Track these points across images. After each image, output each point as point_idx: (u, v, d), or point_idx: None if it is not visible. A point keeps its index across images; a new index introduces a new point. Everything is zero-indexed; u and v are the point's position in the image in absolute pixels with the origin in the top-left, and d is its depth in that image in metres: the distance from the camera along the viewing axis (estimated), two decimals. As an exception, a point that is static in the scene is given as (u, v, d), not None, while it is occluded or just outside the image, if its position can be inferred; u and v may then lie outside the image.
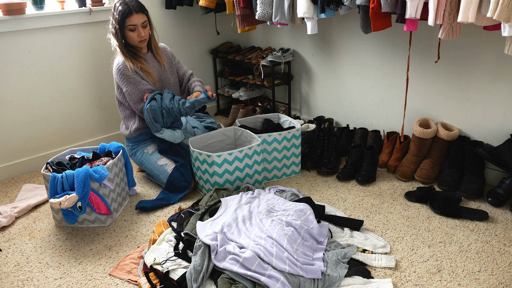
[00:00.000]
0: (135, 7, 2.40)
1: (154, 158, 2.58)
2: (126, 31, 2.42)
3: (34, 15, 2.71)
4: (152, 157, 2.59)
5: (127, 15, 2.38)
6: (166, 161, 2.55)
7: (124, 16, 2.37)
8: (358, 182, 2.58)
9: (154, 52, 2.60)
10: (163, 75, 2.64)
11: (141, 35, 2.44)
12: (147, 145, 2.64)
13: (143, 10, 2.44)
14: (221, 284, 1.67)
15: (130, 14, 2.38)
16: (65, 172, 2.12)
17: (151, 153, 2.60)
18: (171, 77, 2.68)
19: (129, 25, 2.40)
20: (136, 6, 2.40)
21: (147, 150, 2.61)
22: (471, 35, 2.34)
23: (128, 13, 2.37)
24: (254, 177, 2.50)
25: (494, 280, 1.77)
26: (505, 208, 2.26)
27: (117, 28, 2.41)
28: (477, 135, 2.51)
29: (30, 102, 2.85)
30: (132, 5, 2.39)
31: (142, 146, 2.63)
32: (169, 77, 2.67)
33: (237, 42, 3.83)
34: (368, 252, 1.94)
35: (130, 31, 2.42)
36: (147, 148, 2.62)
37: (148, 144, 2.64)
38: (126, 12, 2.37)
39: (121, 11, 2.37)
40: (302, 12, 2.44)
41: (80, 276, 1.91)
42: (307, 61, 3.27)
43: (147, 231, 2.22)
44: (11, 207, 2.43)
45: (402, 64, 2.69)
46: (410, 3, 1.96)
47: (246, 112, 3.50)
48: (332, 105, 3.20)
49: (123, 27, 2.41)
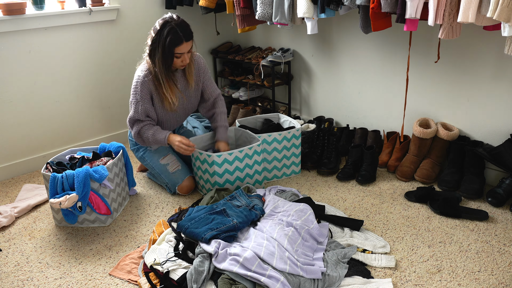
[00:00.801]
0: (186, 36, 2.26)
1: (156, 156, 2.56)
2: (173, 59, 2.30)
3: (34, 15, 2.71)
4: (154, 155, 2.57)
5: (178, 44, 2.24)
6: (168, 161, 2.54)
7: (174, 45, 2.24)
8: (358, 182, 2.58)
9: (186, 70, 2.45)
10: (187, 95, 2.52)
11: (185, 62, 2.33)
12: None
13: (191, 37, 2.30)
14: (221, 285, 1.67)
15: (180, 43, 2.25)
16: (65, 172, 2.12)
17: (154, 151, 2.58)
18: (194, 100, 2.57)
19: (176, 53, 2.27)
20: (187, 35, 2.26)
21: (150, 148, 2.60)
22: (471, 35, 2.34)
23: (179, 42, 2.24)
24: (254, 177, 2.50)
25: (494, 280, 1.77)
26: (505, 208, 2.26)
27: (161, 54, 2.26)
28: (477, 135, 2.51)
29: (30, 102, 2.85)
30: (183, 34, 2.24)
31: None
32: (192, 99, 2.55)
33: (237, 42, 3.83)
34: (368, 252, 1.94)
35: (175, 58, 2.30)
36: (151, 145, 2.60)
37: None
38: (177, 42, 2.24)
39: (172, 41, 2.23)
40: (302, 12, 2.44)
41: (80, 276, 1.91)
42: (307, 61, 3.27)
43: (147, 231, 2.22)
44: (11, 207, 2.43)
45: (402, 64, 2.69)
46: (410, 3, 1.96)
47: (246, 112, 3.50)
48: (332, 105, 3.20)
49: (171, 55, 2.27)
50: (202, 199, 2.33)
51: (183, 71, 2.46)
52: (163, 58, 2.27)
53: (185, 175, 2.52)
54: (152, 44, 2.29)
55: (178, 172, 2.52)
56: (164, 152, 2.57)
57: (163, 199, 2.53)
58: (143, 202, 2.50)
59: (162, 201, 2.50)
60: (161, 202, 2.49)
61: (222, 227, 1.91)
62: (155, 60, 2.29)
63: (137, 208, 2.44)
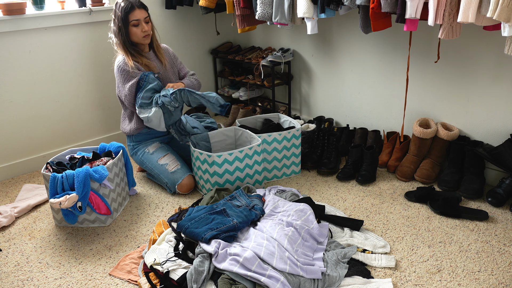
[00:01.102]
0: (137, 3, 2.46)
1: (155, 157, 2.58)
2: (129, 27, 2.46)
3: (34, 15, 2.71)
4: (153, 156, 2.59)
5: (130, 10, 2.43)
6: (167, 161, 2.55)
7: (127, 12, 2.43)
8: (358, 182, 2.58)
9: (156, 51, 2.63)
10: (164, 74, 2.65)
11: (144, 29, 2.47)
12: (148, 145, 2.64)
13: (144, 6, 2.50)
14: (221, 285, 1.67)
15: (132, 9, 2.43)
16: (65, 172, 2.12)
17: (152, 153, 2.60)
18: (172, 77, 2.69)
19: (132, 20, 2.44)
20: (137, 1, 2.47)
21: (148, 150, 2.61)
22: (471, 35, 2.34)
23: (130, 8, 2.43)
24: (254, 177, 2.50)
25: (494, 280, 1.77)
26: (505, 208, 2.26)
27: (120, 25, 2.45)
28: (477, 135, 2.51)
29: (30, 102, 2.85)
30: (133, 1, 2.45)
31: (143, 146, 2.64)
32: (170, 76, 2.68)
33: (237, 42, 3.83)
34: (368, 252, 1.94)
35: (133, 27, 2.46)
36: (148, 148, 2.62)
37: (149, 144, 2.65)
38: (129, 8, 2.43)
39: (124, 7, 2.43)
40: (302, 12, 2.44)
41: (80, 276, 1.91)
42: (307, 61, 3.27)
43: (147, 231, 2.22)
44: (11, 207, 2.43)
45: (402, 64, 2.69)
46: (410, 3, 1.96)
47: (246, 112, 3.50)
48: (332, 105, 3.20)
49: (127, 23, 2.45)
50: (202, 199, 2.33)
51: (154, 54, 2.62)
52: (123, 28, 2.45)
53: (185, 173, 2.53)
54: (113, 22, 2.49)
55: (178, 171, 2.52)
56: (162, 153, 2.58)
57: (163, 199, 2.53)
58: (143, 202, 2.50)
59: (162, 201, 2.50)
60: (161, 202, 2.49)
61: (222, 227, 1.91)
62: (118, 36, 2.47)
63: (137, 208, 2.44)
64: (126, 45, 2.49)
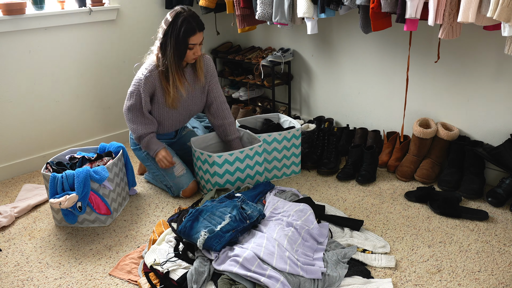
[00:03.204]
0: (199, 26, 2.25)
1: None
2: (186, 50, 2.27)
3: (34, 15, 2.71)
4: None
5: (191, 34, 2.23)
6: (174, 163, 2.51)
7: (188, 35, 2.22)
8: (358, 182, 2.58)
9: (196, 66, 2.42)
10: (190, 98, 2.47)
11: (197, 54, 2.31)
12: None
13: (204, 28, 2.29)
14: (221, 285, 1.67)
15: (194, 34, 2.23)
16: (65, 172, 2.12)
17: None
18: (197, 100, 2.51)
19: (190, 44, 2.25)
20: (200, 25, 2.26)
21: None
22: (471, 35, 2.34)
23: (192, 32, 2.23)
24: (255, 178, 2.49)
25: (494, 280, 1.77)
26: (505, 208, 2.26)
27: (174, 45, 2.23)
28: (477, 135, 2.51)
29: (30, 102, 2.85)
30: (196, 24, 2.24)
31: None
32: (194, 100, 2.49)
33: (237, 42, 3.83)
34: (368, 252, 1.94)
35: (188, 50, 2.27)
36: None
37: None
38: (191, 32, 2.22)
39: (186, 30, 2.21)
40: (302, 12, 2.44)
41: (80, 276, 1.91)
42: (307, 61, 3.27)
43: (147, 231, 2.22)
44: (11, 207, 2.43)
45: (402, 64, 2.69)
46: (410, 3, 1.96)
47: (246, 112, 3.50)
48: (332, 105, 3.20)
49: (186, 46, 2.25)
50: (202, 199, 2.33)
51: (192, 67, 2.43)
52: (177, 49, 2.24)
53: (190, 179, 2.50)
54: (164, 36, 2.25)
55: (184, 176, 2.49)
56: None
57: (163, 199, 2.53)
58: (143, 202, 2.50)
59: (162, 201, 2.50)
60: (161, 202, 2.49)
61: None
62: (167, 52, 2.25)
63: (137, 208, 2.44)
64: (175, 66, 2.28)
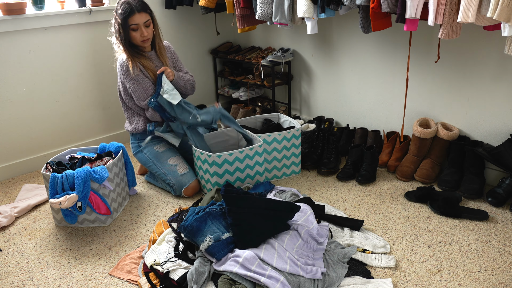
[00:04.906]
0: (137, 7, 2.37)
1: (165, 156, 2.54)
2: (129, 31, 2.40)
3: (34, 15, 2.71)
4: (163, 155, 2.54)
5: (129, 14, 2.35)
6: (177, 162, 2.52)
7: (126, 16, 2.35)
8: (358, 182, 2.58)
9: (157, 52, 2.57)
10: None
11: (143, 35, 2.41)
12: (157, 144, 2.60)
13: (145, 9, 2.41)
14: (221, 285, 1.67)
15: (132, 14, 2.35)
16: (65, 172, 2.12)
17: (162, 152, 2.56)
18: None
19: (131, 24, 2.37)
20: (138, 5, 2.38)
21: (158, 148, 2.57)
22: (471, 35, 2.34)
23: (130, 12, 2.35)
24: (255, 178, 2.49)
25: (494, 280, 1.77)
26: (505, 208, 2.26)
27: (119, 29, 2.38)
28: (477, 135, 2.51)
29: (30, 102, 2.85)
30: (134, 5, 2.36)
31: (150, 144, 2.60)
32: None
33: (237, 42, 3.83)
34: (368, 252, 1.94)
35: (132, 31, 2.40)
36: (157, 146, 2.58)
37: (157, 143, 2.60)
38: (128, 12, 2.35)
39: (123, 11, 2.35)
40: (302, 12, 2.44)
41: (80, 276, 1.91)
42: (307, 61, 3.27)
43: (147, 231, 2.22)
44: (11, 207, 2.43)
45: (402, 64, 2.69)
46: (410, 3, 1.96)
47: (246, 112, 3.50)
48: (332, 105, 3.20)
49: (127, 27, 2.38)
50: (203, 199, 2.33)
51: (156, 54, 2.57)
52: (123, 31, 2.39)
53: (192, 177, 2.51)
54: (113, 24, 2.44)
55: (186, 174, 2.50)
56: (173, 153, 2.56)
57: (163, 199, 2.53)
58: (143, 202, 2.50)
59: (162, 201, 2.50)
60: (161, 202, 2.49)
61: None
62: (119, 38, 2.42)
63: (137, 208, 2.44)
64: (126, 46, 2.43)
